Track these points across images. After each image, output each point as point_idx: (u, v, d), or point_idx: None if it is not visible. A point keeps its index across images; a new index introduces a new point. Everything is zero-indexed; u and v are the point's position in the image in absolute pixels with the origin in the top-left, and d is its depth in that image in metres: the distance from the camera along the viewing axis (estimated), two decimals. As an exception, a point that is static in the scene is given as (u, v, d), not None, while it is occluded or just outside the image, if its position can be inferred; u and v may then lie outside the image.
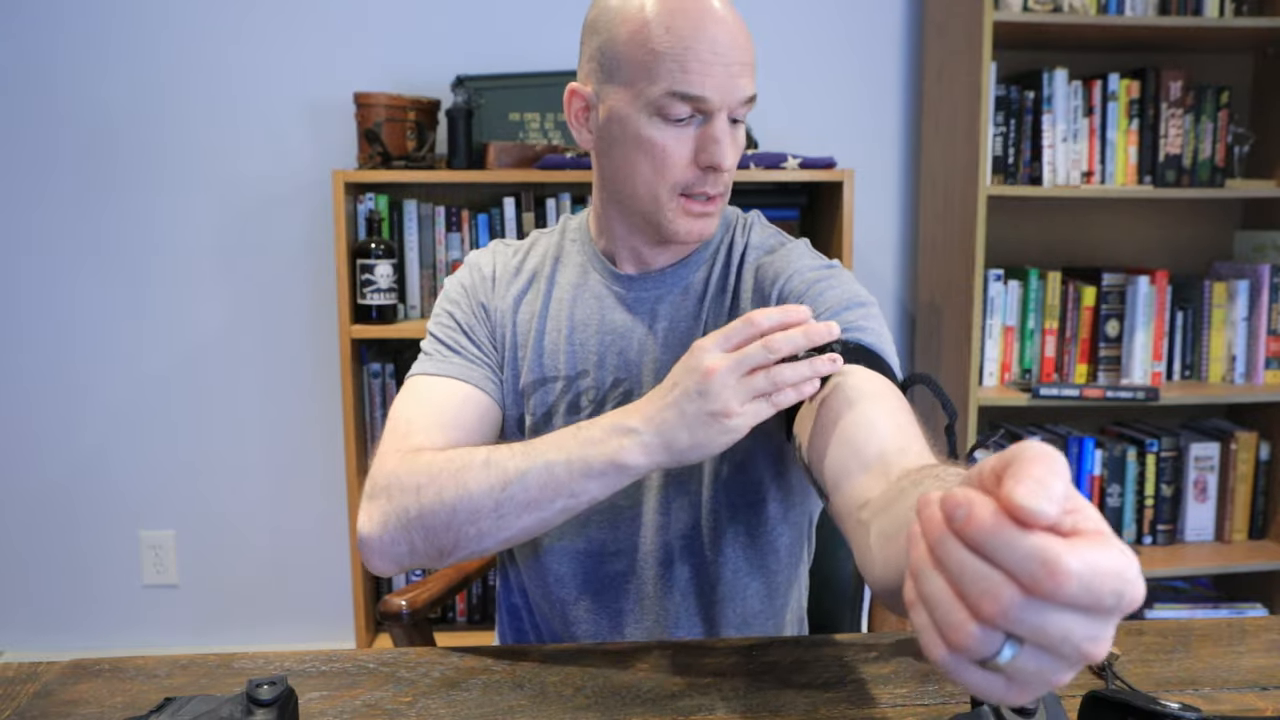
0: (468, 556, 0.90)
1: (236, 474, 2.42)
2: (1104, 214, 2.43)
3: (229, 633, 2.45)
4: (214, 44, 2.29)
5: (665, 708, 0.78)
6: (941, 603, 0.40)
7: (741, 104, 0.93)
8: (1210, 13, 2.18)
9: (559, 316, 1.05)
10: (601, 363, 1.02)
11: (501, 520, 0.86)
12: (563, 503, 0.85)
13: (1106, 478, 2.32)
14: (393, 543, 0.90)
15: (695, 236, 0.97)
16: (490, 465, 0.86)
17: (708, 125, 0.92)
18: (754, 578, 1.04)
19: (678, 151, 0.93)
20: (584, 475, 0.84)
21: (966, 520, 0.39)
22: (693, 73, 0.90)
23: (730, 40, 0.91)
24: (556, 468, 0.84)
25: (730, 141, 0.94)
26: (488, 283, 1.08)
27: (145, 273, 2.35)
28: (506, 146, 2.10)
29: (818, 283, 0.96)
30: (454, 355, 1.03)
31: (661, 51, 0.90)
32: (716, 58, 0.90)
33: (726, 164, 0.93)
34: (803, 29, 2.38)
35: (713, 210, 0.97)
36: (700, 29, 0.90)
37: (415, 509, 0.88)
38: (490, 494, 0.85)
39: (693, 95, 0.90)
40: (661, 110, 0.92)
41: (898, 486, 0.70)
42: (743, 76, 0.92)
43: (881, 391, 0.84)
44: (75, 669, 0.85)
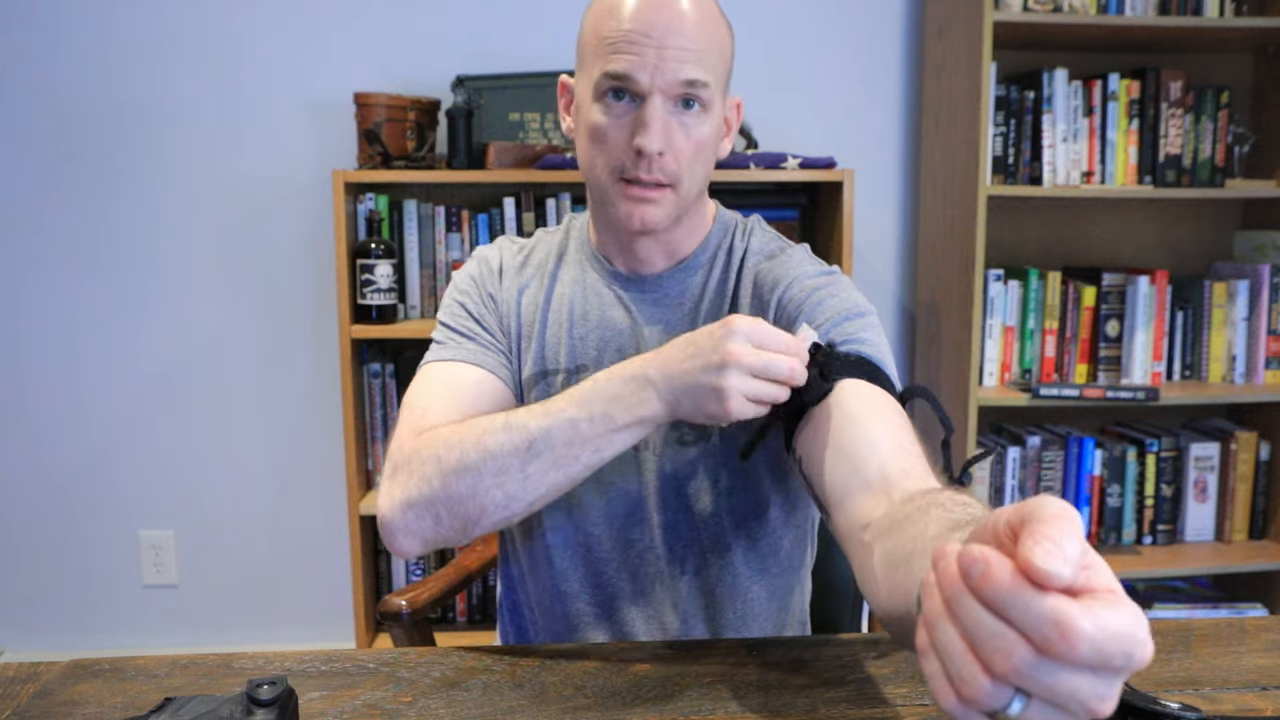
0: (493, 526, 0.90)
1: (236, 474, 2.42)
2: (1104, 214, 2.43)
3: (229, 633, 2.45)
4: (214, 44, 2.29)
5: (665, 708, 0.78)
6: (954, 655, 0.41)
7: (678, 87, 0.92)
8: (1210, 13, 2.18)
9: (560, 311, 1.05)
10: (601, 358, 1.02)
11: (528, 481, 0.86)
12: (588, 457, 0.86)
13: (1106, 478, 2.32)
14: (417, 519, 0.89)
15: (637, 223, 0.96)
16: (511, 426, 0.87)
17: (640, 108, 0.93)
18: (755, 580, 1.04)
19: (614, 134, 0.94)
20: (608, 429, 0.85)
21: (983, 578, 0.40)
22: (622, 53, 0.91)
23: (668, 24, 0.91)
24: (580, 424, 0.85)
25: (668, 128, 0.92)
26: (495, 275, 1.08)
27: (145, 272, 2.35)
28: (506, 146, 2.10)
29: (817, 290, 0.96)
30: (467, 341, 1.03)
31: (604, 35, 0.93)
32: (649, 40, 0.91)
33: (651, 147, 0.91)
34: (803, 29, 2.38)
35: (654, 197, 0.95)
36: (638, 13, 0.92)
37: (438, 480, 0.87)
38: (515, 454, 0.86)
39: (619, 74, 0.92)
40: (599, 92, 0.93)
41: (902, 511, 0.71)
42: (682, 61, 0.91)
43: (883, 409, 0.85)
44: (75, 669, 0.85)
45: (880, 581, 0.68)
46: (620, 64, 0.91)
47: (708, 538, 1.02)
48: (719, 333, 0.82)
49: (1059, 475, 2.32)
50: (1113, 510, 2.32)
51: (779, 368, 0.82)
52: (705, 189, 1.03)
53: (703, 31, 0.93)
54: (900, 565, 0.64)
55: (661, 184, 0.95)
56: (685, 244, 1.04)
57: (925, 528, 0.64)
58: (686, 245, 1.04)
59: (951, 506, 0.65)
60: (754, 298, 1.01)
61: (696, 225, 1.04)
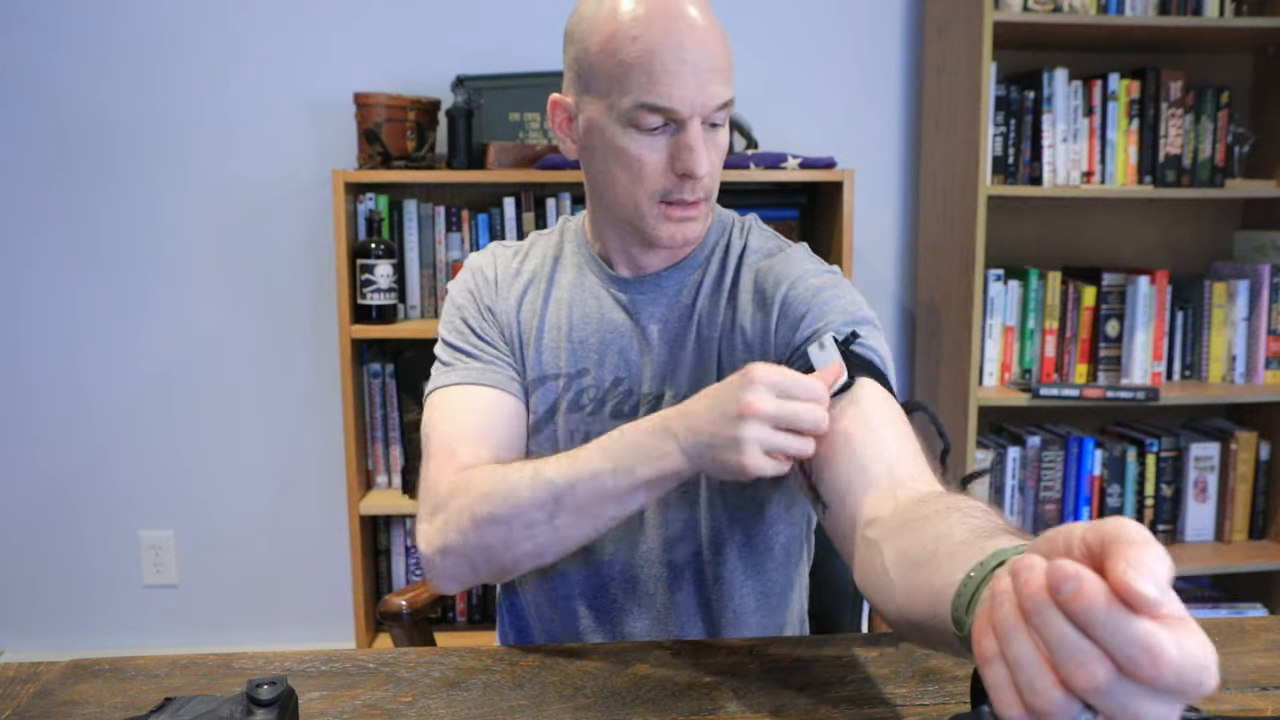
0: (528, 569, 0.93)
1: (236, 474, 2.42)
2: (1104, 214, 2.43)
3: (229, 633, 2.45)
4: (214, 44, 2.29)
5: (665, 708, 0.78)
6: (1028, 665, 0.42)
7: (714, 110, 0.92)
8: (1210, 13, 2.18)
9: (558, 315, 1.05)
10: (602, 361, 1.02)
11: (558, 533, 0.88)
12: (612, 510, 0.87)
13: (1106, 478, 2.32)
14: (455, 565, 0.93)
15: (679, 241, 0.97)
16: (539, 480, 0.88)
17: (681, 134, 0.92)
18: (753, 579, 1.04)
19: (652, 161, 0.93)
20: (631, 485, 0.85)
21: (1075, 595, 0.40)
22: (660, 83, 0.89)
23: (699, 46, 0.90)
24: (604, 477, 0.86)
25: (705, 148, 0.92)
26: (490, 285, 1.07)
27: (146, 273, 2.35)
28: (506, 146, 2.10)
29: (823, 290, 0.97)
30: (473, 360, 1.03)
31: (630, 62, 0.90)
32: (685, 66, 0.89)
33: (700, 172, 0.92)
34: (803, 29, 2.38)
35: (695, 214, 0.96)
36: (666, 37, 0.89)
37: (473, 532, 0.90)
38: (543, 508, 0.87)
39: (661, 106, 0.90)
40: (633, 121, 0.91)
41: (915, 512, 0.71)
42: (715, 83, 0.91)
43: (893, 414, 0.85)
44: (75, 669, 0.85)
45: (895, 581, 0.68)
46: (661, 95, 0.89)
47: (706, 537, 1.02)
48: (738, 383, 0.80)
49: (1059, 475, 2.32)
50: (1113, 510, 2.32)
51: (803, 419, 0.80)
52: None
53: (723, 47, 0.93)
54: (922, 566, 0.64)
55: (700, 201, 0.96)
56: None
57: (949, 531, 0.64)
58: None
59: (973, 512, 0.66)
60: (755, 295, 1.01)
61: None
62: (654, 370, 1.01)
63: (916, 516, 0.70)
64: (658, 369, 1.01)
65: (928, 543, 0.65)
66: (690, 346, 1.01)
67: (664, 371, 1.01)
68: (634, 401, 1.01)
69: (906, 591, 0.66)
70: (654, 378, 1.01)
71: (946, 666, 0.84)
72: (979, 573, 0.55)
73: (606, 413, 1.01)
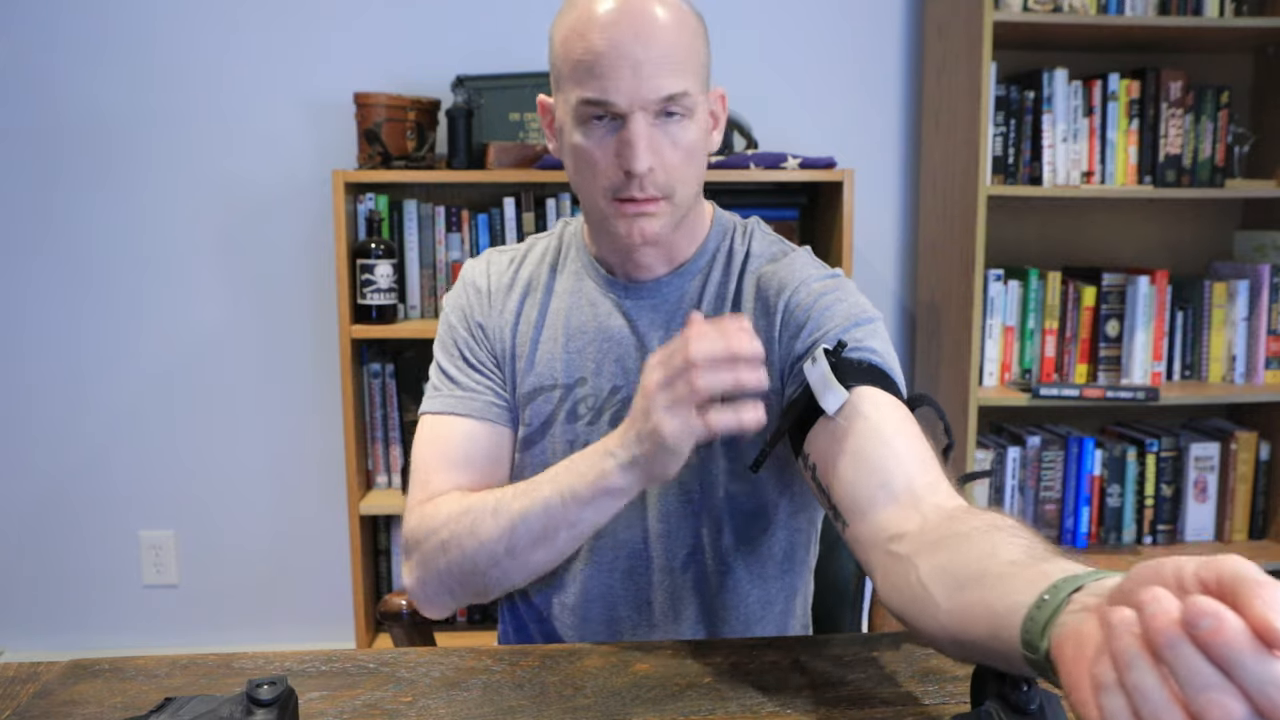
0: (502, 593, 0.99)
1: (236, 474, 2.42)
2: (1104, 214, 2.43)
3: (229, 633, 2.45)
4: (214, 44, 2.29)
5: (665, 708, 0.78)
6: (1152, 698, 0.42)
7: (658, 102, 0.90)
8: (1210, 13, 2.18)
9: (555, 325, 1.04)
10: (599, 370, 1.02)
11: (516, 560, 0.92)
12: (565, 533, 0.90)
13: (1106, 478, 2.32)
14: (435, 594, 0.98)
15: (638, 239, 0.95)
16: (499, 512, 0.92)
17: (623, 129, 0.91)
18: (758, 587, 1.04)
19: (601, 156, 0.93)
20: (576, 504, 0.89)
21: (1214, 632, 0.40)
22: (597, 77, 0.90)
23: (637, 39, 0.89)
24: (552, 502, 0.89)
25: (653, 142, 0.91)
26: (483, 298, 1.07)
27: (146, 273, 2.35)
28: (506, 146, 2.10)
29: (824, 295, 0.96)
30: (455, 388, 1.04)
31: (575, 59, 0.91)
32: (623, 59, 0.89)
33: (638, 167, 0.90)
34: (803, 29, 2.38)
35: (651, 210, 0.94)
36: (605, 31, 0.89)
37: (444, 564, 0.95)
38: (502, 539, 0.91)
39: (597, 100, 0.90)
40: (581, 116, 0.92)
41: (949, 528, 0.72)
42: (658, 76, 0.89)
43: (902, 420, 0.86)
44: (75, 669, 0.85)
45: (937, 598, 0.68)
46: (595, 89, 0.90)
47: (709, 547, 1.01)
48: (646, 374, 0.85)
49: (1059, 475, 2.32)
50: (1113, 510, 2.32)
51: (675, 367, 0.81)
52: (700, 190, 1.01)
53: (674, 37, 0.90)
54: (969, 585, 0.65)
55: (656, 198, 0.94)
56: (684, 248, 1.03)
57: (994, 550, 0.65)
58: (685, 249, 1.03)
59: (1015, 532, 0.67)
60: (757, 301, 1.00)
61: (694, 228, 1.03)
62: None
63: (952, 534, 0.71)
64: None
65: (972, 561, 0.66)
66: None
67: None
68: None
69: (954, 610, 0.66)
70: None
71: (946, 666, 0.84)
72: (1054, 596, 0.55)
73: (605, 421, 1.01)
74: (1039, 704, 0.62)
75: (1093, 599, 0.52)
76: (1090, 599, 0.53)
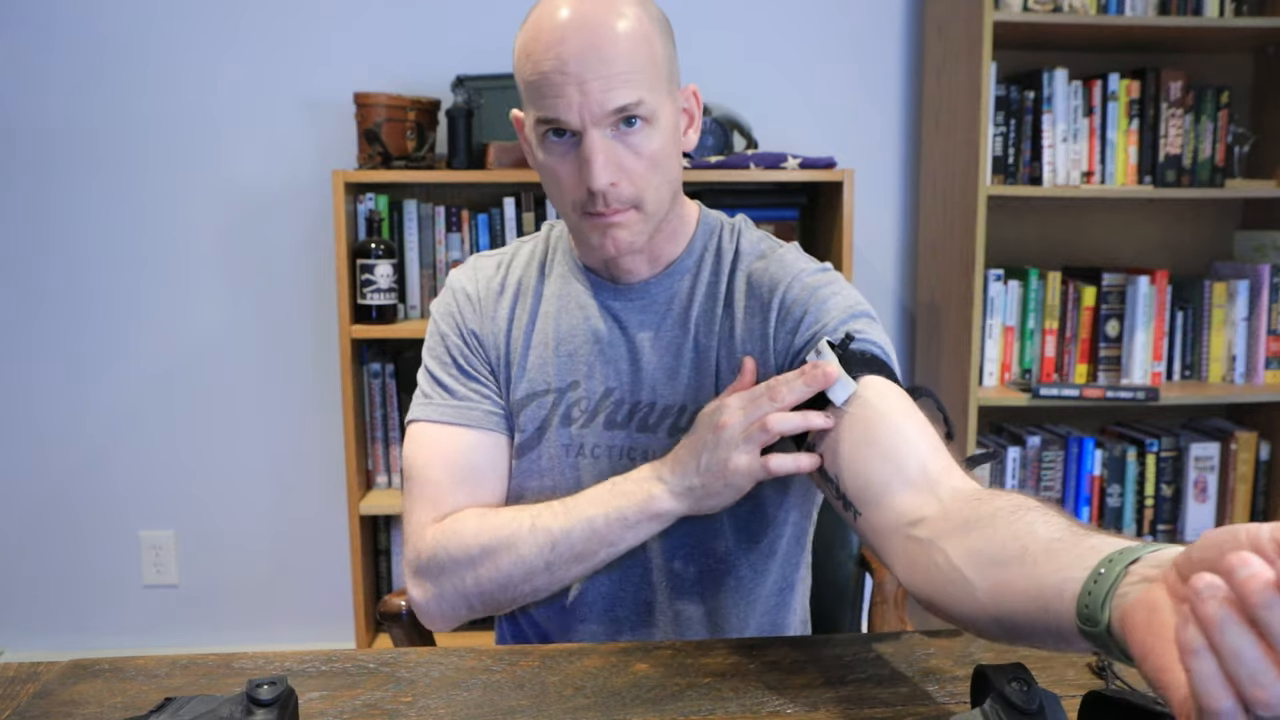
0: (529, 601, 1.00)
1: (236, 474, 2.42)
2: (1104, 214, 2.43)
3: (229, 633, 2.45)
4: (213, 44, 2.29)
5: (665, 708, 0.78)
6: (1248, 658, 0.43)
7: (610, 115, 0.89)
8: (1210, 13, 2.18)
9: (545, 329, 1.04)
10: (591, 372, 1.02)
11: (553, 575, 0.95)
12: (605, 552, 0.94)
13: (1106, 478, 2.32)
14: (452, 610, 0.99)
15: (611, 250, 0.95)
16: (537, 530, 0.94)
17: (580, 145, 0.91)
18: (759, 584, 1.04)
19: (564, 172, 0.93)
20: (621, 526, 0.92)
21: None
22: (547, 97, 0.90)
23: (581, 55, 0.88)
24: (596, 521, 0.93)
25: (611, 156, 0.90)
26: (474, 305, 1.06)
27: (145, 273, 2.35)
28: (506, 146, 2.10)
29: (820, 288, 0.97)
30: (450, 397, 1.03)
31: (527, 80, 0.93)
32: (567, 78, 0.88)
33: (597, 184, 0.89)
34: (803, 29, 2.38)
35: (621, 221, 0.93)
36: (548, 51, 0.90)
37: (473, 583, 0.96)
38: (541, 555, 0.94)
39: (550, 119, 0.91)
40: (540, 135, 0.93)
41: (973, 510, 0.73)
42: (607, 90, 0.88)
43: (908, 407, 0.86)
44: (75, 669, 0.85)
45: (972, 579, 0.69)
46: (547, 108, 0.90)
47: (711, 541, 1.01)
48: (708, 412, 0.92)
49: (1059, 475, 2.32)
50: (1113, 510, 2.32)
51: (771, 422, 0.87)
52: (678, 192, 1.00)
53: (623, 48, 0.89)
54: (1009, 564, 0.65)
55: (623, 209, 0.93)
56: (668, 249, 1.02)
57: (1030, 529, 0.66)
58: (669, 250, 1.03)
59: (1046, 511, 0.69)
60: (750, 298, 1.00)
61: (677, 228, 1.03)
62: (648, 379, 1.00)
63: (979, 515, 0.71)
64: (652, 378, 1.00)
65: (1009, 540, 0.67)
66: (688, 356, 1.00)
67: (659, 380, 1.00)
68: (625, 411, 1.01)
69: (994, 589, 0.67)
70: (649, 387, 1.00)
71: (946, 666, 0.84)
72: (1110, 569, 0.56)
73: (599, 423, 1.01)
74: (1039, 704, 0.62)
75: (1153, 570, 0.53)
76: (1150, 570, 0.53)
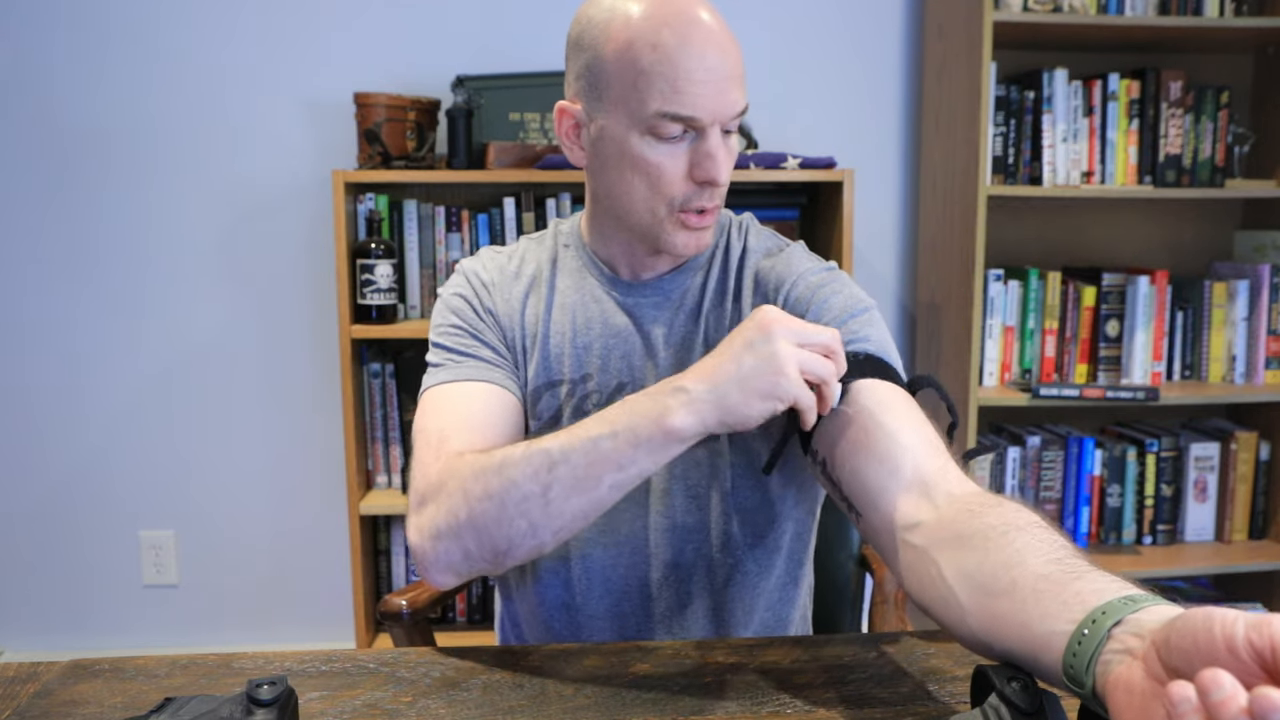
0: (525, 555, 0.87)
1: (236, 474, 2.42)
2: (1104, 214, 2.43)
3: (229, 633, 2.45)
4: (213, 44, 2.29)
5: (665, 708, 0.78)
6: None
7: (733, 117, 0.92)
8: (1210, 13, 2.18)
9: (562, 320, 1.04)
10: (605, 366, 1.02)
11: (550, 506, 0.83)
12: (611, 477, 0.82)
13: (1106, 478, 2.32)
14: (446, 551, 0.88)
15: (693, 249, 0.97)
16: (532, 451, 0.84)
17: (701, 141, 0.91)
18: (764, 578, 1.04)
19: (672, 169, 0.92)
20: (631, 444, 0.81)
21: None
22: (683, 92, 0.88)
23: (719, 54, 0.89)
24: (603, 441, 0.81)
25: (725, 155, 0.93)
26: (488, 289, 1.05)
27: (145, 273, 2.35)
28: (506, 146, 2.10)
29: (822, 288, 0.98)
30: (467, 359, 1.01)
31: (649, 71, 0.89)
32: (707, 75, 0.89)
33: (721, 179, 0.92)
34: (803, 29, 2.38)
35: (709, 223, 0.96)
36: (687, 45, 0.88)
37: (464, 511, 0.86)
38: (536, 478, 0.83)
39: (684, 115, 0.89)
40: (654, 129, 0.91)
41: (966, 524, 0.73)
42: (734, 91, 0.91)
43: (904, 407, 0.86)
44: (75, 669, 0.85)
45: (964, 603, 0.69)
46: (685, 105, 0.89)
47: (715, 539, 1.02)
48: (751, 320, 0.82)
49: (1059, 475, 2.32)
50: (1113, 510, 2.32)
51: (819, 337, 0.81)
52: None
53: (738, 52, 0.93)
54: (1000, 597, 0.66)
55: (712, 209, 0.96)
56: None
57: (1020, 558, 0.66)
58: None
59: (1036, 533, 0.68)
60: (756, 295, 1.01)
61: None
62: (661, 374, 1.01)
63: (972, 530, 0.71)
64: (664, 373, 1.00)
65: (999, 570, 0.67)
66: (699, 352, 1.00)
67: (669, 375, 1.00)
68: None
69: (984, 620, 0.67)
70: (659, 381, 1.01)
71: (946, 666, 0.84)
72: (1094, 631, 0.57)
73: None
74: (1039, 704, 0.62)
75: (1135, 640, 0.55)
76: (1132, 640, 0.55)
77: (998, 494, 0.77)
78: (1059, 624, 0.60)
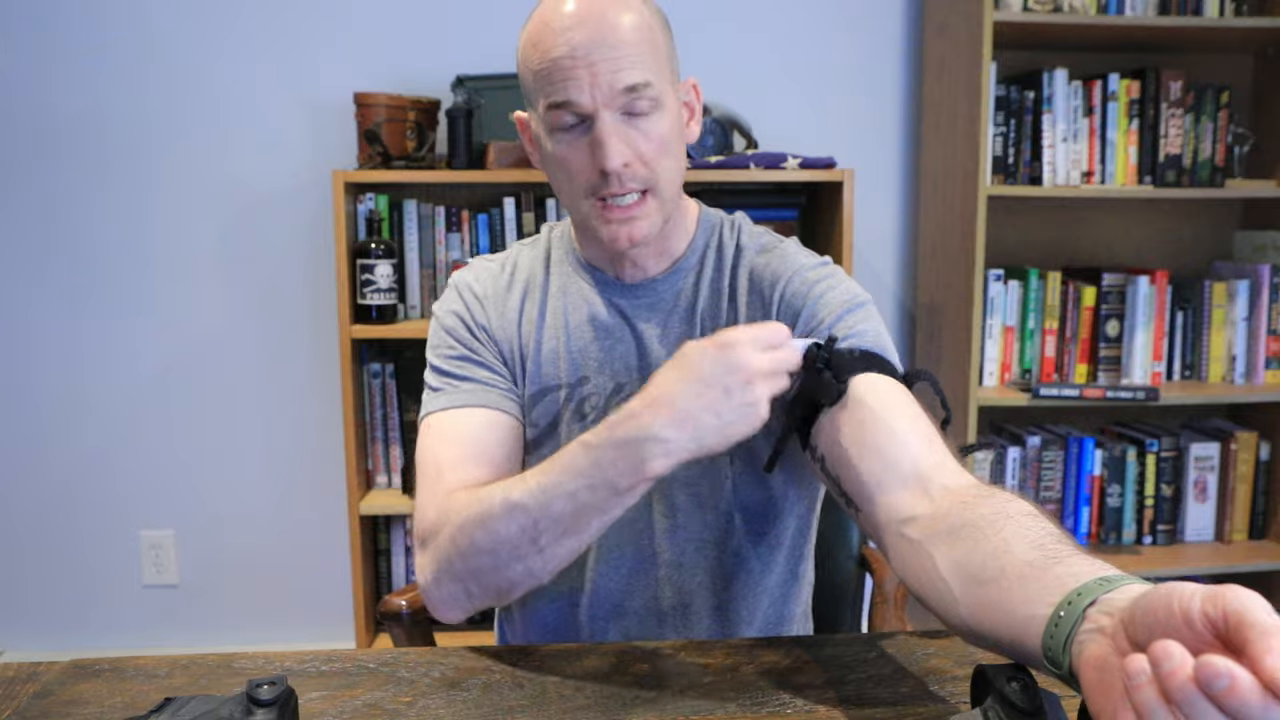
0: (526, 589, 0.90)
1: (236, 474, 2.42)
2: (1104, 214, 2.43)
3: (229, 633, 2.45)
4: (213, 44, 2.29)
5: (665, 708, 0.78)
6: None
7: (620, 95, 0.91)
8: (1210, 13, 2.18)
9: (556, 325, 1.04)
10: (601, 369, 1.02)
11: (544, 552, 0.85)
12: (597, 520, 0.84)
13: (1106, 478, 2.32)
14: (451, 594, 0.91)
15: (624, 242, 0.95)
16: (512, 507, 0.85)
17: (592, 130, 0.92)
18: (766, 575, 1.04)
19: (575, 160, 0.93)
20: (611, 494, 0.82)
21: (1230, 691, 0.43)
22: (556, 81, 0.91)
23: (589, 38, 0.90)
24: (580, 495, 0.82)
25: (623, 138, 0.91)
26: (481, 303, 1.05)
27: (145, 273, 2.35)
28: (506, 146, 2.10)
29: (818, 283, 0.98)
30: (463, 383, 1.01)
31: (535, 69, 0.94)
32: (577, 60, 0.90)
33: (610, 164, 0.90)
34: (803, 29, 2.38)
35: (635, 214, 0.94)
36: (556, 36, 0.91)
37: (459, 560, 0.88)
38: (523, 535, 0.84)
39: (561, 102, 0.91)
40: (551, 124, 0.93)
41: (960, 515, 0.73)
42: (616, 70, 0.90)
43: (901, 402, 0.87)
44: (75, 669, 0.85)
45: (956, 593, 0.70)
46: (558, 93, 0.91)
47: (719, 537, 1.02)
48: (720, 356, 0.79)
49: (1059, 475, 2.32)
50: (1113, 510, 2.32)
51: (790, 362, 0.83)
52: (682, 186, 1.01)
53: (628, 33, 0.91)
54: (988, 584, 0.67)
55: (639, 193, 0.94)
56: (676, 243, 1.03)
57: (1008, 545, 0.67)
58: (677, 244, 1.04)
59: (1025, 521, 0.69)
60: (752, 294, 1.01)
61: (682, 225, 1.04)
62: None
63: (964, 522, 0.72)
64: None
65: (988, 559, 0.68)
66: None
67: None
68: None
69: (974, 608, 0.68)
70: None
71: (946, 666, 0.84)
72: (1069, 612, 0.58)
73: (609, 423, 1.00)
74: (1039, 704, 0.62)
75: (1106, 619, 0.55)
76: (1104, 619, 0.56)
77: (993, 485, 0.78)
78: (1039, 608, 0.61)
